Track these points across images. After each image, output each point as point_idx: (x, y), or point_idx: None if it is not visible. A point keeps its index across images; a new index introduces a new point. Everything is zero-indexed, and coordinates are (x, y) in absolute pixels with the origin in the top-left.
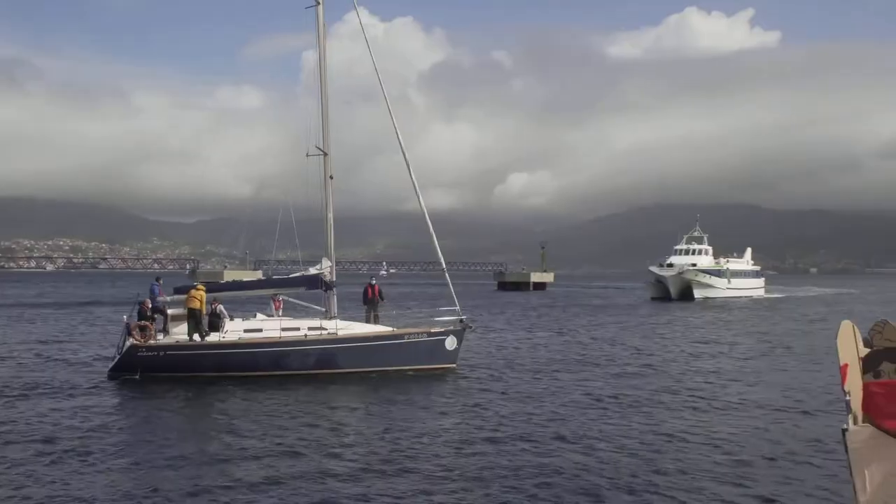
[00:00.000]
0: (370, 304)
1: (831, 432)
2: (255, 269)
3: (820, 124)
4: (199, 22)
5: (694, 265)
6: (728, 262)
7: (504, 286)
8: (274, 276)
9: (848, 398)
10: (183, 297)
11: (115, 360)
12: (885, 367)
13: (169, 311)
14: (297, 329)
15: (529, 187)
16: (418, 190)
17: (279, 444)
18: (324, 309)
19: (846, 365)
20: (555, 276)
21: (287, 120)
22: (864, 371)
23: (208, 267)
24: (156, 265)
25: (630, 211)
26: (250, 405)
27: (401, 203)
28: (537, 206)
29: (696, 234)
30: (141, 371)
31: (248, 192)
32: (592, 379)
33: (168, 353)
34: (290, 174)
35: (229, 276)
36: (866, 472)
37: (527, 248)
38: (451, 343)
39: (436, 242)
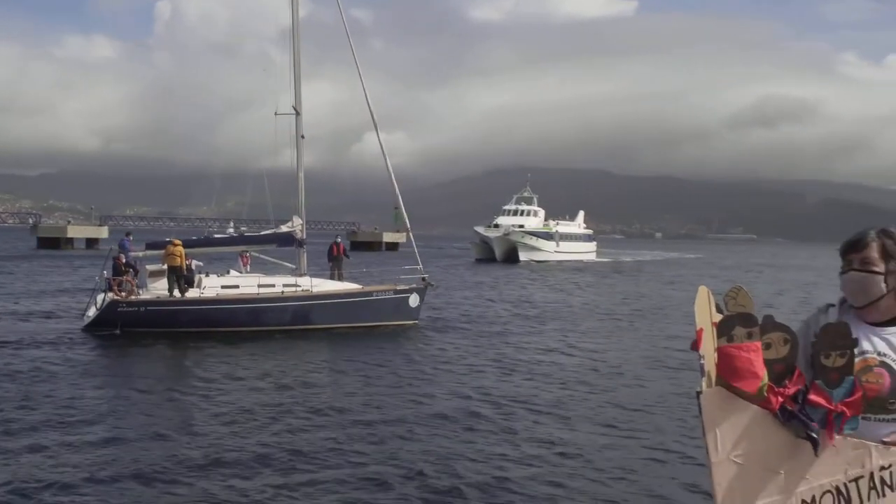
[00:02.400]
0: (335, 262)
1: (684, 394)
2: (100, 226)
3: (673, 94)
4: None
5: (521, 226)
6: (558, 224)
7: (356, 245)
8: (246, 233)
9: (702, 361)
10: (157, 252)
11: (94, 314)
12: (738, 331)
13: (147, 267)
14: (273, 286)
15: (387, 148)
16: (387, 157)
17: (264, 403)
18: (294, 266)
19: (701, 329)
20: (407, 237)
21: (140, 72)
22: (719, 335)
23: (51, 222)
24: None
25: (488, 173)
26: (236, 361)
27: (254, 160)
28: (395, 167)
29: (525, 194)
30: (121, 326)
31: (97, 145)
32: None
33: (148, 308)
34: (144, 128)
35: (73, 231)
36: (718, 431)
37: (381, 208)
38: (414, 300)
39: (401, 204)
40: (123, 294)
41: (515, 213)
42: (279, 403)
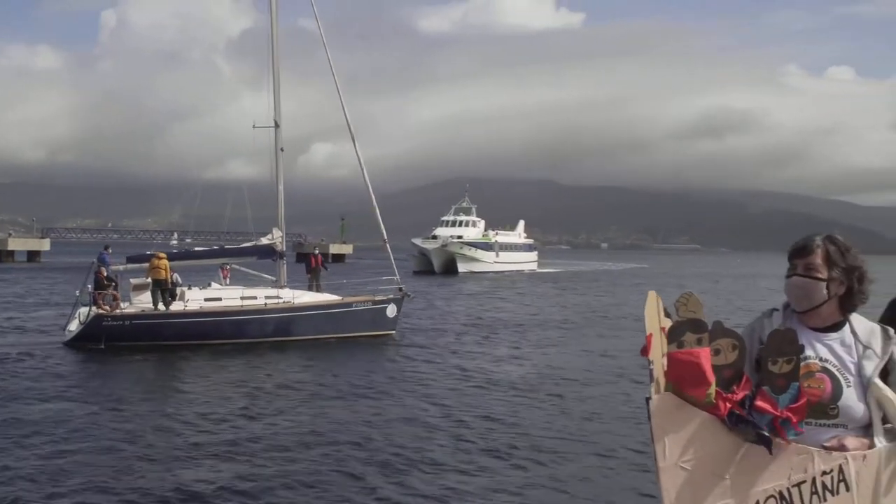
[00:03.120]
0: (313, 273)
1: (634, 400)
2: (42, 238)
3: (619, 104)
4: None
5: (459, 237)
6: (497, 234)
7: (302, 257)
8: (227, 246)
9: (651, 367)
10: (137, 265)
11: (78, 329)
12: (688, 337)
13: (132, 281)
14: (255, 298)
15: (333, 158)
16: (363, 165)
17: (248, 414)
18: (273, 278)
19: (651, 335)
20: (354, 248)
21: (85, 82)
22: (668, 341)
23: None
24: None
25: (435, 184)
26: (219, 373)
27: (200, 170)
28: (341, 178)
29: (464, 205)
30: (105, 340)
31: (41, 156)
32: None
33: (133, 322)
34: (89, 138)
35: (14, 244)
36: (666, 437)
37: (328, 219)
38: (391, 311)
39: (379, 217)
40: (108, 308)
41: (454, 223)
42: (257, 416)
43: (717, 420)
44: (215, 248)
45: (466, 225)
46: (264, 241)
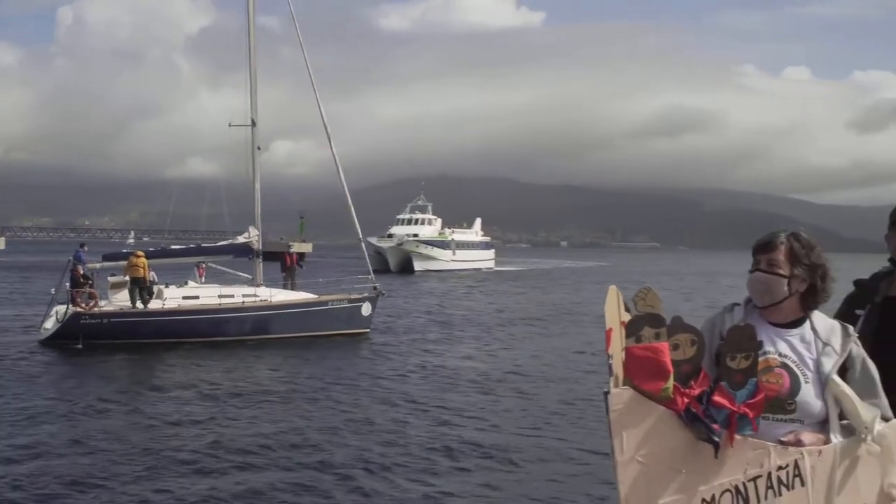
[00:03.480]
0: (288, 272)
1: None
2: None
3: (578, 103)
4: None
5: (415, 236)
6: (454, 232)
7: (269, 255)
8: (203, 244)
9: (610, 361)
10: (113, 263)
11: (55, 327)
12: (646, 332)
13: (109, 279)
14: (233, 296)
15: (294, 156)
16: (339, 165)
17: (221, 413)
18: (249, 276)
19: (610, 329)
20: (313, 247)
21: (41, 79)
22: (627, 335)
23: None
24: None
25: (396, 182)
26: (196, 372)
27: (159, 169)
28: (301, 175)
29: (420, 203)
30: (83, 339)
31: None
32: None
33: (111, 320)
34: (45, 136)
35: None
36: (624, 432)
37: (287, 218)
38: (366, 309)
39: (353, 215)
40: (87, 306)
41: (409, 222)
42: (234, 415)
43: (675, 415)
44: (192, 246)
45: (422, 223)
46: (241, 239)
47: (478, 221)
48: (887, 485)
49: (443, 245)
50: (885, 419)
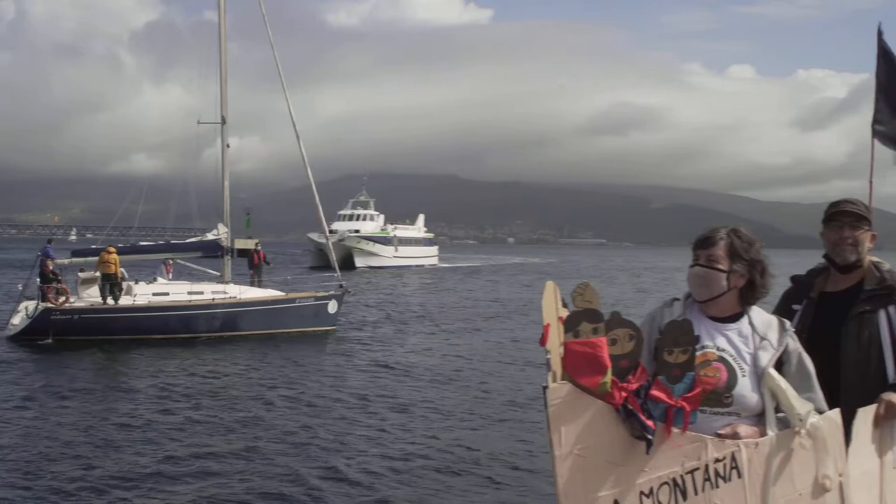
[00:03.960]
0: (255, 269)
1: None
2: None
3: (525, 100)
4: None
5: (357, 231)
6: (396, 228)
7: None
8: (172, 241)
9: (548, 357)
10: (82, 259)
11: (25, 323)
12: (584, 327)
13: (79, 275)
14: (202, 293)
15: (239, 152)
16: (307, 163)
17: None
18: (218, 273)
19: (548, 325)
20: (259, 243)
21: None
22: (565, 331)
23: None
24: None
25: (341, 178)
26: (166, 368)
27: (102, 165)
28: (246, 171)
29: (362, 198)
30: (53, 335)
31: None
32: None
33: (82, 316)
34: None
35: None
36: (562, 427)
37: (233, 214)
38: (332, 307)
39: (321, 213)
40: (58, 301)
41: (351, 217)
42: (202, 412)
43: (613, 409)
44: (161, 242)
45: (364, 219)
46: (210, 236)
47: (421, 218)
48: (821, 476)
49: (385, 241)
50: (820, 412)
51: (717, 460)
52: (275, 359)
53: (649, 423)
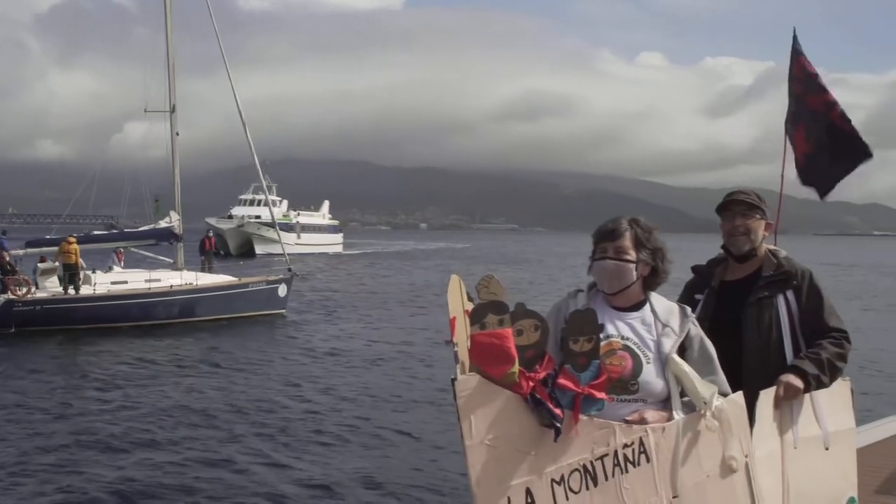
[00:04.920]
0: (206, 256)
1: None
2: None
3: (439, 86)
4: None
5: (257, 217)
6: (299, 215)
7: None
8: (125, 230)
9: (456, 349)
10: (37, 250)
11: None
12: (490, 318)
13: (40, 266)
14: (159, 281)
15: (149, 138)
16: (253, 148)
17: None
18: (171, 260)
19: (454, 318)
20: (210, 230)
21: None
22: (471, 323)
23: None
24: None
25: (246, 167)
26: (128, 355)
27: (4, 151)
28: (156, 158)
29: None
30: (16, 325)
31: None
32: None
33: (44, 306)
34: None
35: None
36: (472, 417)
37: (141, 201)
38: (282, 290)
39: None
40: (21, 293)
41: (252, 203)
42: (166, 397)
43: (521, 399)
44: (115, 231)
45: (265, 204)
46: (163, 224)
47: (325, 204)
48: (727, 457)
49: (287, 228)
50: (724, 395)
51: (626, 445)
52: (232, 342)
53: (557, 411)
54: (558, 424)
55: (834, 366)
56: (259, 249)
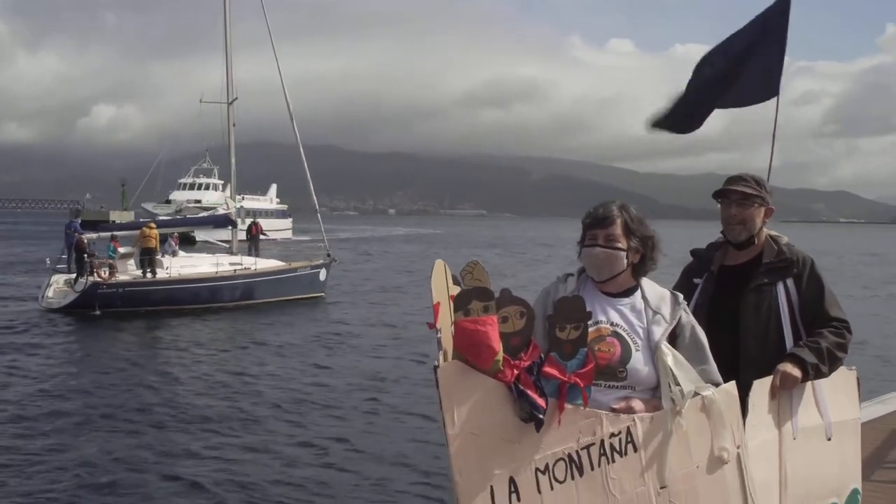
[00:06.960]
0: (252, 241)
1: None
2: None
3: (409, 72)
4: None
5: (198, 202)
6: (244, 199)
7: (82, 225)
8: (188, 216)
9: (439, 336)
10: (109, 234)
11: (70, 297)
12: (475, 305)
13: (120, 250)
14: (225, 265)
15: (116, 122)
16: (295, 125)
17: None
18: (227, 245)
19: (438, 304)
20: (136, 215)
21: None
22: (455, 309)
23: None
24: None
25: (223, 149)
26: (211, 335)
27: None
28: (123, 142)
29: (205, 166)
30: (100, 307)
31: None
32: None
33: (126, 289)
34: None
35: None
36: (455, 406)
37: (107, 185)
38: (322, 275)
39: (310, 183)
40: (106, 276)
41: (192, 186)
42: (240, 372)
43: (506, 387)
44: (178, 217)
45: (207, 188)
46: (221, 211)
47: (273, 188)
48: (718, 448)
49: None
50: (716, 384)
51: (613, 435)
52: (296, 323)
53: (540, 401)
54: (540, 416)
55: (834, 355)
56: (200, 236)
